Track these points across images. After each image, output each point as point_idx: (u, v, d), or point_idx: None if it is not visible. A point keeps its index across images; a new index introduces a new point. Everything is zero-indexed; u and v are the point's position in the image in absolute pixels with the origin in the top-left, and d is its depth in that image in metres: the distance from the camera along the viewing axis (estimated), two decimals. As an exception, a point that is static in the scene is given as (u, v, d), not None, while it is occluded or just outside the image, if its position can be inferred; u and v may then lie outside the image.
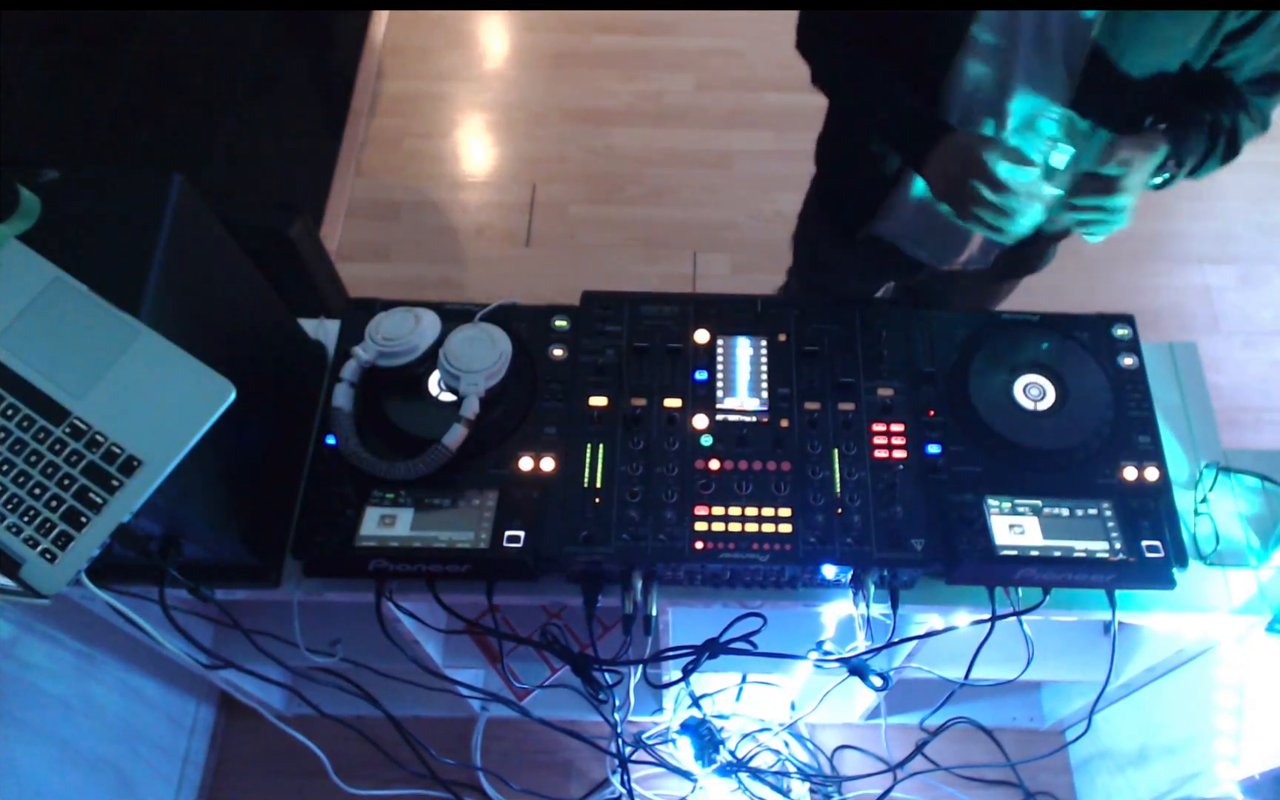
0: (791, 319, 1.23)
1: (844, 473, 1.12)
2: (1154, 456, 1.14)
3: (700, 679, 1.70)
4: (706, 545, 1.07)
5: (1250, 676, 1.40)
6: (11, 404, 0.90)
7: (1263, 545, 1.22)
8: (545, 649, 1.21)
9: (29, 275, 0.93)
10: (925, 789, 1.83)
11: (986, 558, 1.07)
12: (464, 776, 1.85)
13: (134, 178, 0.97)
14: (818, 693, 1.61)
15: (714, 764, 1.69)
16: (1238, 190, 2.77)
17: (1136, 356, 1.22)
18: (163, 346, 0.91)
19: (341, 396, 1.13)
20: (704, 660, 1.15)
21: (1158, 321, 2.54)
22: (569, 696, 1.44)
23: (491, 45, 3.09)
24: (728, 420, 1.15)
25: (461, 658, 1.53)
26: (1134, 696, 1.66)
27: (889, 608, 1.13)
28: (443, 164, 2.83)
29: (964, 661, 1.20)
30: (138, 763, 1.74)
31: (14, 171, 0.96)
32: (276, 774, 1.96)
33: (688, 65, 2.98)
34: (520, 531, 1.08)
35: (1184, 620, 1.22)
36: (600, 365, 1.19)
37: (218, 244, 1.07)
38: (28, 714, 1.46)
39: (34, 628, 1.47)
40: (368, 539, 1.08)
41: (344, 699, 1.29)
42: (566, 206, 2.74)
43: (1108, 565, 1.07)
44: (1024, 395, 1.18)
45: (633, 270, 2.60)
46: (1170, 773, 1.63)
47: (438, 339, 1.16)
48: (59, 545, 0.87)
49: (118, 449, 0.89)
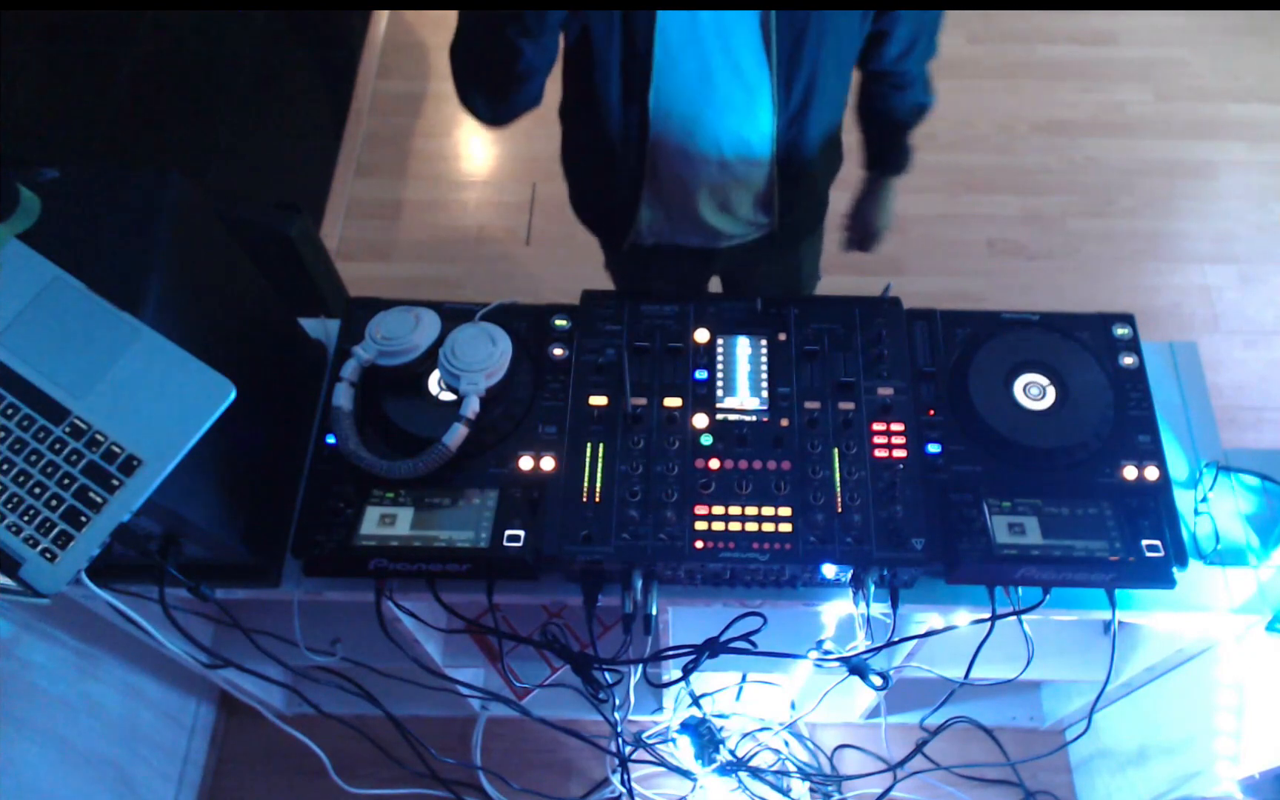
0: (792, 318, 1.23)
1: (844, 472, 1.12)
2: (1154, 456, 1.14)
3: (700, 678, 1.70)
4: (706, 545, 1.07)
5: (1250, 676, 1.40)
6: (11, 403, 0.90)
7: (1262, 544, 1.22)
8: (545, 648, 1.21)
9: (29, 275, 0.93)
10: (925, 788, 1.83)
11: (986, 557, 1.07)
12: (464, 776, 1.85)
13: (134, 178, 0.97)
14: (818, 692, 1.61)
15: (714, 763, 1.69)
16: (1238, 190, 2.77)
17: (1136, 356, 1.22)
18: (163, 346, 0.91)
19: (341, 396, 1.13)
20: (704, 659, 1.15)
21: (1158, 321, 2.54)
22: (569, 696, 1.44)
23: (491, 45, 3.08)
24: (728, 419, 1.15)
25: (461, 657, 1.53)
26: (1134, 696, 1.66)
27: (889, 607, 1.13)
28: (443, 163, 2.83)
29: (964, 661, 1.20)
30: (138, 762, 1.74)
31: (14, 171, 0.96)
32: (276, 773, 1.96)
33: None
34: (520, 531, 1.08)
35: (1184, 619, 1.22)
36: (600, 365, 1.19)
37: (218, 243, 1.07)
38: (28, 713, 1.46)
39: (34, 627, 1.47)
40: (368, 538, 1.08)
41: (344, 698, 1.29)
42: (566, 206, 2.73)
43: (1108, 564, 1.07)
44: (1024, 395, 1.18)
45: (633, 270, 2.60)
46: (1170, 772, 1.63)
47: (438, 338, 1.16)
48: (59, 544, 0.87)
49: (118, 448, 0.89)
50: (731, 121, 1.27)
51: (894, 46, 1.31)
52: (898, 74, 1.37)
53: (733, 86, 1.23)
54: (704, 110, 1.25)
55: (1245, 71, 3.00)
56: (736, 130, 1.28)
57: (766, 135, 1.29)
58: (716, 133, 1.28)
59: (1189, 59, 3.02)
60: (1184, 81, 2.97)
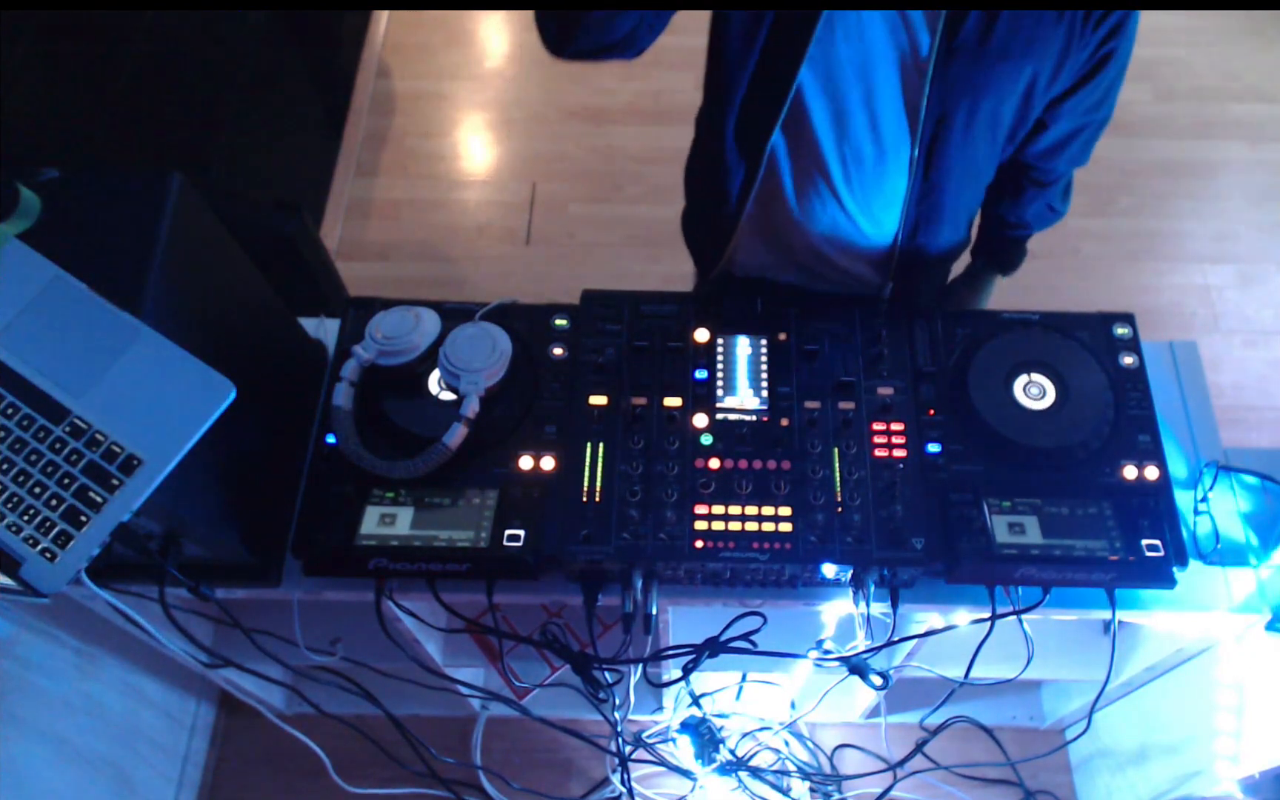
0: (792, 318, 1.23)
1: (844, 472, 1.12)
2: (1154, 455, 1.14)
3: (700, 678, 1.70)
4: (706, 544, 1.07)
5: (1250, 675, 1.40)
6: (11, 403, 0.90)
7: (1262, 544, 1.22)
8: (545, 648, 1.21)
9: (29, 275, 0.93)
10: (925, 788, 1.83)
11: (986, 556, 1.07)
12: (464, 775, 1.85)
13: (134, 178, 0.97)
14: (818, 692, 1.61)
15: (714, 763, 1.69)
16: (1238, 190, 2.77)
17: (1137, 355, 1.22)
18: (163, 346, 0.92)
19: (341, 395, 1.13)
20: (704, 659, 1.15)
21: (1158, 321, 2.54)
22: (569, 695, 1.44)
23: (491, 44, 3.09)
24: (728, 419, 1.15)
25: (461, 657, 1.53)
26: (1134, 695, 1.66)
27: (889, 606, 1.13)
28: (443, 163, 2.83)
29: (964, 660, 1.20)
30: (138, 761, 1.74)
31: (14, 171, 0.96)
32: (276, 773, 1.96)
33: (687, 64, 2.95)
34: (520, 530, 1.08)
35: (1184, 619, 1.22)
36: (600, 364, 1.19)
37: (218, 243, 1.07)
38: (28, 712, 1.46)
39: (34, 627, 1.47)
40: (368, 538, 1.08)
41: (344, 698, 1.29)
42: (566, 205, 2.74)
43: (1108, 564, 1.07)
44: (1024, 394, 1.18)
45: (633, 269, 2.60)
46: (1170, 771, 1.63)
47: (438, 338, 1.16)
48: (59, 544, 0.87)
49: (118, 448, 0.89)
50: (859, 177, 1.19)
51: (1048, 139, 1.21)
52: (1042, 170, 1.28)
53: (864, 141, 1.14)
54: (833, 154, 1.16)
55: (1245, 71, 2.99)
56: (862, 188, 1.20)
57: (897, 198, 1.21)
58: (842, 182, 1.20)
59: (1189, 59, 3.02)
60: (1184, 81, 2.97)
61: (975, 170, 1.21)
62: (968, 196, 1.26)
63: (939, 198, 1.20)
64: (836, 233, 1.26)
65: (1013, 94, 1.09)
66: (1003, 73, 1.06)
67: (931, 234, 1.25)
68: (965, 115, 1.09)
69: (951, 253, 1.36)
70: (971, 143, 1.14)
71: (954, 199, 1.21)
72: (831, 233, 1.26)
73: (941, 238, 1.27)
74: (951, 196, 1.20)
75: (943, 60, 1.04)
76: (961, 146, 1.13)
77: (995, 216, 1.38)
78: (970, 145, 1.14)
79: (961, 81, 1.06)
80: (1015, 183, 1.32)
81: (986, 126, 1.13)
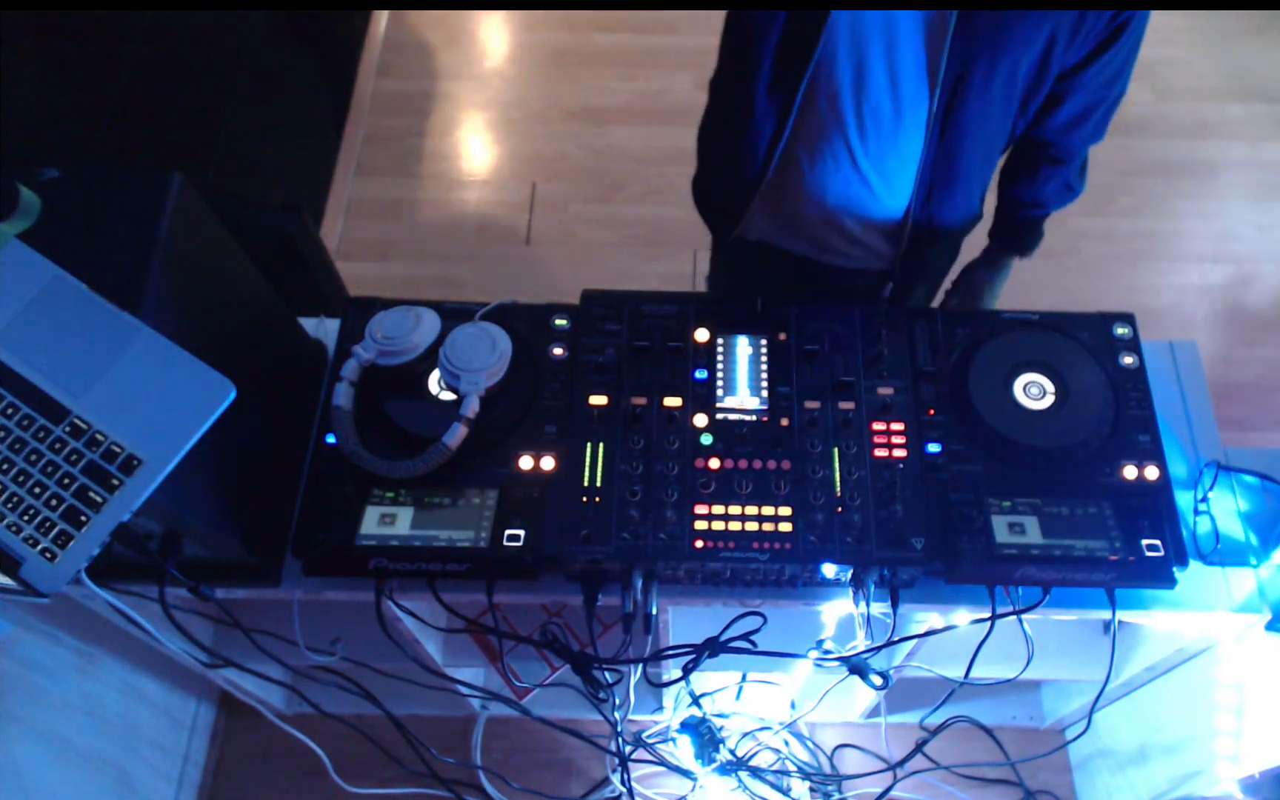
0: (792, 318, 1.23)
1: (844, 472, 1.12)
2: (1154, 455, 1.14)
3: (700, 678, 1.70)
4: (706, 544, 1.07)
5: (1250, 675, 1.40)
6: (11, 403, 0.90)
7: (1262, 544, 1.22)
8: (545, 648, 1.21)
9: (29, 274, 0.93)
10: (925, 788, 1.83)
11: (986, 556, 1.07)
12: (464, 775, 1.85)
13: (134, 178, 0.97)
14: (818, 691, 1.61)
15: (714, 763, 1.69)
16: (1238, 190, 2.77)
17: (1136, 355, 1.22)
18: (163, 346, 0.92)
19: (341, 395, 1.13)
20: (704, 659, 1.15)
21: (1158, 321, 2.54)
22: (569, 695, 1.44)
23: (491, 44, 3.09)
24: (728, 419, 1.15)
25: (461, 657, 1.53)
26: (1134, 695, 1.66)
27: (889, 606, 1.13)
28: (443, 163, 2.83)
29: (964, 660, 1.20)
30: (138, 761, 1.74)
31: (14, 171, 0.96)
32: (276, 773, 1.96)
33: (688, 64, 2.98)
34: (520, 530, 1.08)
35: (1184, 619, 1.22)
36: (600, 364, 1.19)
37: (218, 243, 1.07)
38: (28, 712, 1.46)
39: (34, 626, 1.47)
40: (368, 538, 1.08)
41: (344, 698, 1.29)
42: (566, 205, 2.74)
43: (1108, 564, 1.07)
44: (1024, 394, 1.18)
45: (633, 269, 2.60)
46: (1170, 771, 1.63)
47: (438, 338, 1.16)
48: (59, 544, 0.87)
49: (118, 448, 0.89)
50: (875, 135, 1.21)
51: (1064, 114, 1.23)
52: (1059, 146, 1.29)
53: (883, 98, 1.16)
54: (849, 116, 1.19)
55: (1245, 71, 2.99)
56: (878, 147, 1.22)
57: (911, 160, 1.23)
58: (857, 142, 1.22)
59: (1189, 59, 3.02)
60: (1184, 81, 2.97)
61: (989, 133, 1.23)
62: (980, 160, 1.27)
63: (953, 160, 1.21)
64: (849, 197, 1.28)
65: (1031, 52, 1.11)
66: (1023, 30, 1.08)
67: (944, 201, 1.27)
68: (983, 74, 1.11)
69: (963, 227, 1.37)
70: (988, 103, 1.16)
71: (967, 162, 1.23)
72: (844, 196, 1.28)
73: (954, 206, 1.29)
74: (965, 158, 1.22)
75: (965, 13, 1.06)
76: (978, 107, 1.15)
77: (1012, 197, 1.40)
78: (987, 105, 1.16)
79: (982, 36, 1.08)
80: (1032, 162, 1.33)
81: (1003, 87, 1.14)
